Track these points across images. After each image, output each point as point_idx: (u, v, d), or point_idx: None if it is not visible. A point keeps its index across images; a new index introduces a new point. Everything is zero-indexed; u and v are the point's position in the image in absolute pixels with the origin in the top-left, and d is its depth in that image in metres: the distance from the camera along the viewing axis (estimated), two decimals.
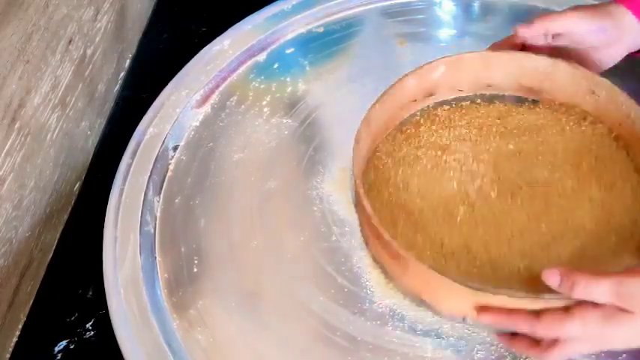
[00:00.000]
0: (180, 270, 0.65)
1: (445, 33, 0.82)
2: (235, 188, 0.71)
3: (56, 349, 0.65)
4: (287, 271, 0.65)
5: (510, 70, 0.71)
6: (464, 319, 0.58)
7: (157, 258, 0.66)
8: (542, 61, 0.70)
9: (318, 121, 0.75)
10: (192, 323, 0.62)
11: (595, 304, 0.52)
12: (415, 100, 0.70)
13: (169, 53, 0.87)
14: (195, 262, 0.66)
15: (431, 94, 0.71)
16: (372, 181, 0.66)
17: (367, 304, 0.62)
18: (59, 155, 0.73)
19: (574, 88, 0.70)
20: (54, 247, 0.73)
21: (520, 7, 0.86)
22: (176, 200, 0.71)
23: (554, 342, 0.53)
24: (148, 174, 0.71)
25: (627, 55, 0.69)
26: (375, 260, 0.63)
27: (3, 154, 0.62)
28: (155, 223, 0.69)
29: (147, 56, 0.87)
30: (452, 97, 0.73)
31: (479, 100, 0.73)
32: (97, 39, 0.80)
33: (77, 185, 0.77)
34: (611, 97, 0.68)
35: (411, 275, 0.58)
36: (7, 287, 0.65)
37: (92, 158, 0.81)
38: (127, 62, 0.90)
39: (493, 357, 0.58)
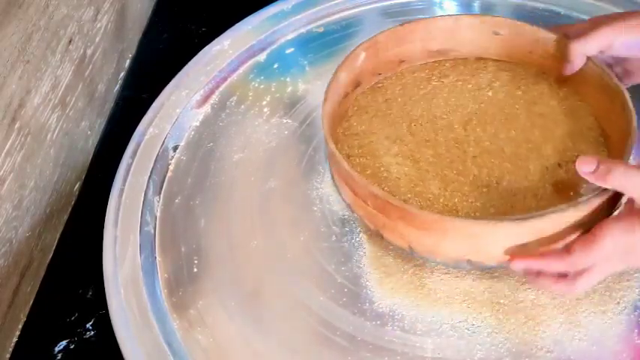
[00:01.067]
0: (180, 270, 0.66)
1: None
2: (235, 188, 0.71)
3: (56, 349, 0.65)
4: (287, 271, 0.65)
5: (418, 38, 0.73)
6: (468, 261, 0.58)
7: (157, 258, 0.67)
8: (444, 21, 0.72)
9: (318, 121, 0.76)
10: (193, 323, 0.62)
11: (615, 218, 0.52)
12: (346, 94, 0.71)
13: (169, 53, 0.87)
14: (195, 262, 0.66)
15: (358, 85, 0.72)
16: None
17: (367, 304, 0.62)
18: (59, 155, 0.73)
19: (478, 37, 0.72)
20: (54, 247, 0.74)
21: (521, 7, 0.87)
22: (176, 200, 0.71)
23: (579, 273, 0.53)
24: (148, 174, 0.72)
25: None
26: (353, 211, 0.64)
27: (3, 154, 0.62)
28: (155, 223, 0.69)
29: (147, 56, 0.88)
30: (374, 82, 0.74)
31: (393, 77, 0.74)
32: (97, 39, 0.80)
33: (77, 185, 0.78)
34: (516, 30, 0.70)
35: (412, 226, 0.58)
36: (7, 287, 0.65)
37: (92, 158, 0.81)
38: (127, 62, 0.90)
39: (493, 357, 0.59)
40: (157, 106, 0.77)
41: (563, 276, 0.54)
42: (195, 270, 0.66)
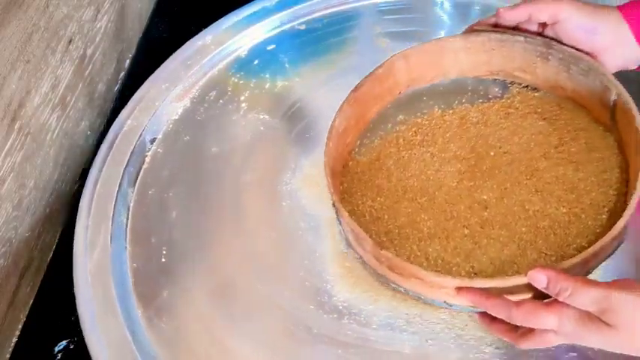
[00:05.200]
0: (149, 260, 0.69)
1: (432, 31, 0.83)
2: (209, 182, 0.75)
3: (56, 349, 0.67)
4: (253, 264, 0.68)
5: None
6: (445, 302, 0.61)
7: (128, 247, 0.70)
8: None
9: (295, 118, 0.79)
10: (158, 313, 0.66)
11: (571, 306, 0.54)
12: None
13: (169, 53, 0.88)
14: (164, 252, 0.69)
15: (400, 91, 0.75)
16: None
17: (326, 298, 0.65)
18: (59, 155, 0.74)
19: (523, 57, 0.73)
20: (54, 247, 0.74)
21: None
22: (150, 192, 0.74)
23: (530, 330, 0.56)
24: (124, 165, 0.75)
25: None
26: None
27: (3, 154, 0.64)
28: (128, 214, 0.72)
29: (147, 56, 0.88)
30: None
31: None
32: (97, 39, 0.81)
33: (77, 185, 0.78)
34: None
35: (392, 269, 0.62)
36: (7, 287, 0.67)
37: (92, 158, 0.81)
38: (127, 62, 0.91)
39: (444, 352, 0.61)
40: (137, 99, 0.81)
41: (515, 328, 0.57)
42: (164, 260, 0.69)
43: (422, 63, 0.74)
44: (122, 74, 0.91)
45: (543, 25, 0.69)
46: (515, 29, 0.71)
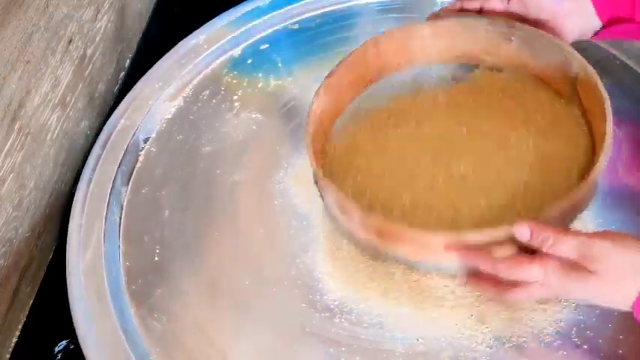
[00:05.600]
0: (142, 259, 0.70)
1: None
2: (201, 180, 0.75)
3: (56, 349, 0.67)
4: (245, 263, 0.69)
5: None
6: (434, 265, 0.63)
7: (121, 246, 0.70)
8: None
9: (288, 118, 0.79)
10: (150, 311, 0.66)
11: (558, 258, 0.55)
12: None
13: None
14: (157, 251, 0.70)
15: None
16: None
17: (318, 297, 0.66)
18: (59, 155, 0.74)
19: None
20: (54, 247, 0.74)
21: None
22: (143, 191, 0.75)
23: (515, 283, 0.57)
24: (117, 164, 0.76)
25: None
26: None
27: (3, 154, 0.64)
28: (121, 213, 0.73)
29: (147, 56, 0.88)
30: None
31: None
32: (97, 39, 0.81)
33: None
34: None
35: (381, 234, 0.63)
36: (7, 287, 0.67)
37: None
38: (127, 62, 0.91)
39: (434, 350, 0.62)
40: (130, 98, 0.81)
41: (501, 283, 0.58)
42: (157, 259, 0.69)
43: (391, 49, 0.76)
44: (122, 74, 0.91)
45: None
46: (480, 13, 0.74)
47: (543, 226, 0.56)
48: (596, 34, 0.71)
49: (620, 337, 0.61)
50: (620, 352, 0.60)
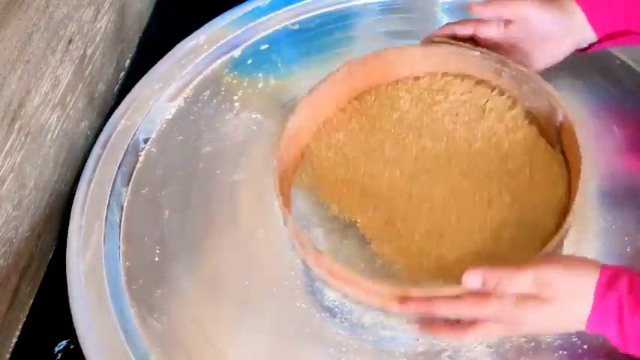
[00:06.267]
0: (142, 259, 0.70)
1: (427, 30, 0.82)
2: (201, 181, 0.75)
3: (56, 349, 0.67)
4: (244, 263, 0.69)
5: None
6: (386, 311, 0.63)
7: (121, 246, 0.70)
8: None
9: (288, 118, 0.77)
10: (150, 311, 0.66)
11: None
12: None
13: None
14: (157, 251, 0.70)
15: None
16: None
17: (318, 296, 0.66)
18: (59, 155, 0.74)
19: None
20: (54, 247, 0.75)
21: None
22: (143, 191, 0.75)
23: (471, 323, 0.57)
24: (118, 165, 0.76)
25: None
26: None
27: (3, 154, 0.64)
28: (121, 213, 0.73)
29: (147, 56, 0.88)
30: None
31: None
32: (97, 39, 0.81)
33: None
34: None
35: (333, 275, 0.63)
36: (7, 287, 0.67)
37: None
38: (127, 62, 0.91)
39: (434, 351, 0.62)
40: (130, 99, 0.81)
41: (456, 325, 0.58)
42: (157, 259, 0.70)
43: (378, 69, 0.76)
44: (122, 74, 0.91)
45: (507, 21, 0.71)
46: (471, 41, 0.74)
47: (493, 268, 0.56)
48: (591, 45, 0.71)
49: None
50: (620, 352, 0.60)
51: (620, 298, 0.53)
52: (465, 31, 0.74)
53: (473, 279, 0.56)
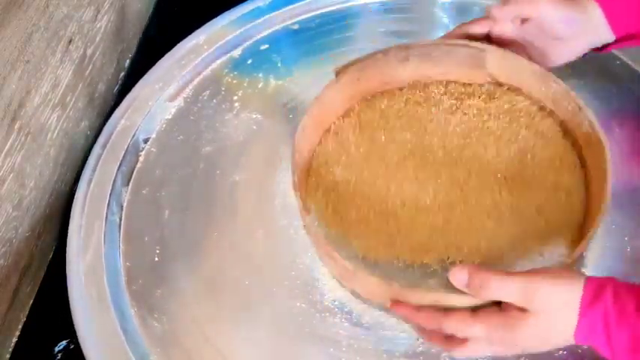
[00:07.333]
0: (142, 259, 0.70)
1: (427, 30, 0.83)
2: (201, 180, 0.75)
3: (56, 349, 0.67)
4: (244, 263, 0.69)
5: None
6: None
7: (121, 246, 0.71)
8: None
9: (288, 118, 0.79)
10: (150, 311, 0.66)
11: (499, 310, 0.56)
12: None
13: None
14: (157, 251, 0.70)
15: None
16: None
17: (318, 297, 0.66)
18: (59, 155, 0.74)
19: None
20: (54, 247, 0.75)
21: None
22: (143, 191, 0.75)
23: (463, 339, 0.57)
24: (118, 165, 0.76)
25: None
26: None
27: (3, 154, 0.64)
28: (121, 213, 0.73)
29: (147, 56, 0.88)
30: None
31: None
32: (97, 39, 0.81)
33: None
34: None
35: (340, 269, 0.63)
36: (7, 287, 0.67)
37: None
38: (127, 62, 0.91)
39: (433, 351, 0.62)
40: (130, 99, 0.81)
41: (452, 337, 0.58)
42: (157, 259, 0.70)
43: (387, 70, 0.75)
44: (122, 74, 0.92)
45: (522, 19, 0.71)
46: (487, 38, 0.73)
47: (481, 269, 0.56)
48: (606, 46, 0.70)
49: None
50: None
51: (606, 308, 0.53)
52: (480, 29, 0.73)
53: (459, 276, 0.56)
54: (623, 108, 0.75)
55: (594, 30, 0.69)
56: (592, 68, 0.78)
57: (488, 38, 0.74)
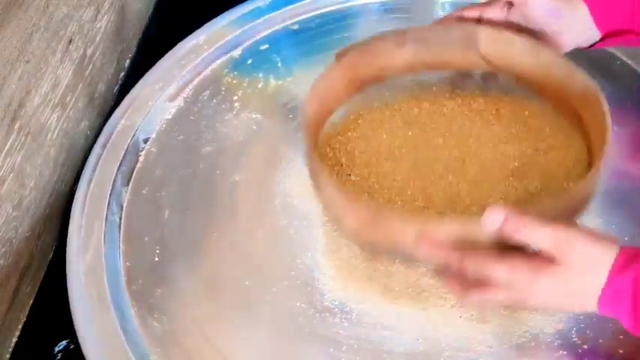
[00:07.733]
0: (142, 259, 0.70)
1: None
2: (202, 181, 0.75)
3: (56, 349, 0.67)
4: (244, 263, 0.69)
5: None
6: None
7: (121, 246, 0.71)
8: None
9: (288, 117, 0.79)
10: (150, 311, 0.66)
11: (526, 257, 0.55)
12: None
13: None
14: (157, 251, 0.70)
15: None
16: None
17: (318, 297, 0.66)
18: (59, 155, 0.74)
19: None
20: (54, 247, 0.75)
21: None
22: (143, 191, 0.75)
23: (478, 283, 0.56)
24: (118, 165, 0.76)
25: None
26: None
27: (3, 154, 0.64)
28: (121, 213, 0.73)
29: (147, 56, 0.88)
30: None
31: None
32: (97, 39, 0.81)
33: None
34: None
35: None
36: (7, 287, 0.67)
37: None
38: (127, 62, 0.91)
39: (434, 350, 0.62)
40: (130, 99, 0.81)
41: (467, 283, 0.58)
42: (157, 259, 0.70)
43: (385, 55, 0.75)
44: (122, 74, 0.92)
45: (509, 4, 0.71)
46: (479, 22, 0.74)
47: (518, 212, 0.55)
48: (593, 44, 0.71)
49: (620, 337, 0.61)
50: (621, 351, 0.60)
51: (637, 277, 0.51)
52: (472, 13, 0.74)
53: (495, 215, 0.54)
54: (623, 108, 0.75)
55: (579, 25, 0.69)
56: (592, 68, 0.78)
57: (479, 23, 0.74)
